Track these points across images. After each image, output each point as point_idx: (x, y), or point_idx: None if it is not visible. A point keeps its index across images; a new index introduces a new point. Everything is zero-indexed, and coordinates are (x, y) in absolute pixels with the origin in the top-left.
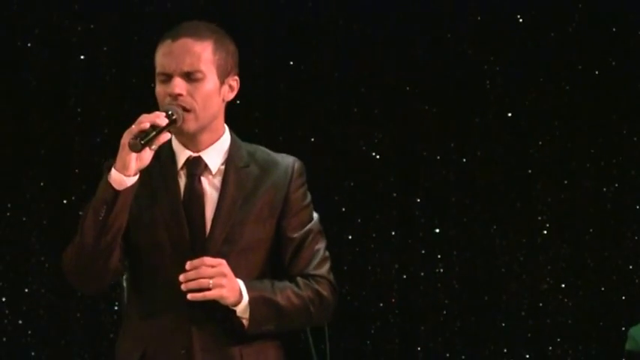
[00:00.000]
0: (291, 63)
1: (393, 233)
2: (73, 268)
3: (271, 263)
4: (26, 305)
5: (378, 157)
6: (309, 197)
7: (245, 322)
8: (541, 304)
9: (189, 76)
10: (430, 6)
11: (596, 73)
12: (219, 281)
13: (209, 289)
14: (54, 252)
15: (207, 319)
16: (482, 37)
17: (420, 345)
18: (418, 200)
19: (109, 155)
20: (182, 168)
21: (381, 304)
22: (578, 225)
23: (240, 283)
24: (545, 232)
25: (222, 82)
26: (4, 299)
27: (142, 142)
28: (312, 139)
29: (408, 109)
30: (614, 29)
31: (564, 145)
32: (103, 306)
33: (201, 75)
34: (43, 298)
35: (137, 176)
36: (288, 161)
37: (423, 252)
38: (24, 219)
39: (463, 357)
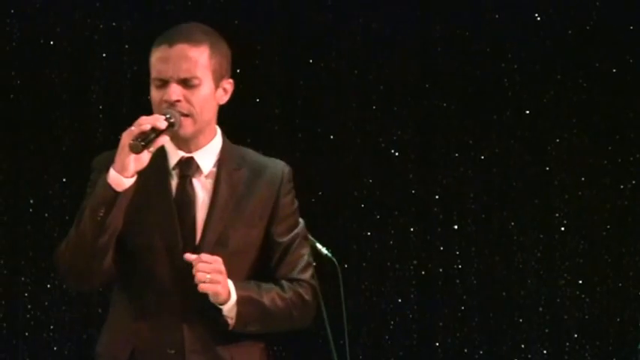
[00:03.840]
0: (311, 61)
1: (412, 229)
2: (68, 266)
3: (259, 266)
4: (48, 300)
5: (397, 154)
6: (296, 202)
7: (230, 320)
8: (558, 300)
9: (186, 82)
10: (449, 5)
11: (614, 71)
12: (216, 277)
13: (205, 283)
14: None
15: (199, 321)
16: (500, 35)
17: (439, 340)
18: (437, 197)
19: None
20: (174, 168)
21: (400, 300)
22: (596, 222)
23: (230, 282)
24: (563, 228)
25: (217, 86)
26: (26, 294)
27: (143, 143)
28: (332, 137)
29: (427, 106)
30: (631, 27)
31: (582, 143)
32: None
33: (198, 81)
34: (64, 293)
35: (135, 177)
36: (278, 166)
37: (442, 248)
38: (46, 215)
39: (481, 352)
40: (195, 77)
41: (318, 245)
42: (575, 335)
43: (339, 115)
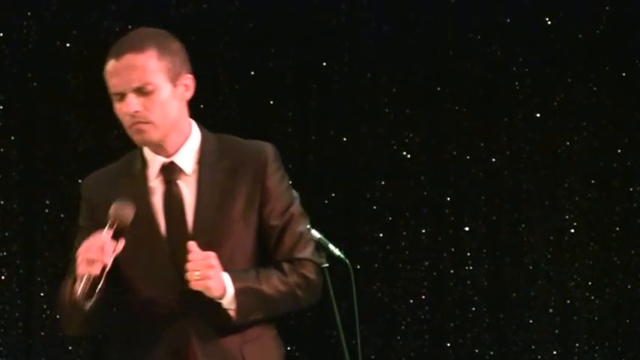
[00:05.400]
0: (324, 64)
1: (424, 231)
2: (66, 327)
3: (261, 252)
4: None
5: (409, 156)
6: (286, 180)
7: (232, 313)
8: (568, 301)
9: (141, 90)
10: (460, 9)
11: (624, 74)
12: (206, 273)
13: (195, 280)
14: None
15: (204, 324)
16: (511, 38)
17: (450, 341)
18: (448, 199)
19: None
20: (158, 175)
21: (412, 301)
22: (605, 223)
23: (225, 275)
24: (573, 230)
25: (175, 85)
26: (42, 294)
27: (88, 300)
28: (345, 139)
29: (439, 109)
30: None
31: (592, 145)
32: None
33: (152, 86)
34: None
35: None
36: (259, 148)
37: (453, 250)
38: (62, 215)
39: (491, 353)
40: (149, 83)
41: (331, 246)
42: (585, 336)
43: (351, 117)
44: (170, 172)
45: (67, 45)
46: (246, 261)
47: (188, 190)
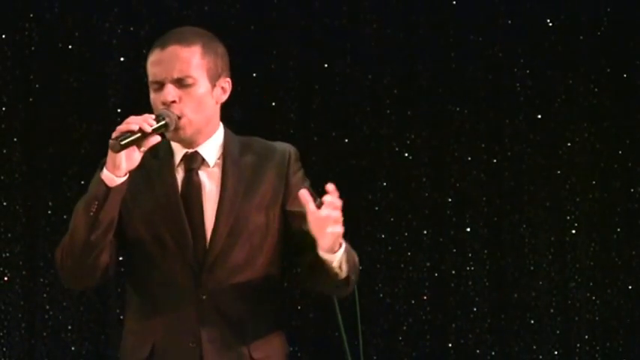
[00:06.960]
0: (326, 65)
1: (425, 232)
2: (64, 263)
3: (279, 249)
4: (66, 302)
5: (410, 157)
6: (308, 181)
7: (339, 271)
8: (569, 302)
9: (181, 82)
10: (462, 11)
11: (625, 76)
12: (339, 220)
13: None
14: None
15: (214, 312)
16: (513, 40)
17: (451, 341)
18: (449, 200)
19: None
20: (179, 164)
21: (413, 302)
22: (606, 224)
23: None
24: (574, 231)
25: (213, 85)
26: (45, 295)
27: (121, 143)
28: (346, 140)
29: (440, 110)
30: None
31: (593, 146)
32: None
33: (192, 80)
34: (82, 294)
35: (127, 176)
36: (283, 147)
37: (454, 250)
38: (64, 217)
39: (493, 353)
40: (189, 76)
41: None
42: (586, 336)
43: (353, 118)
44: (192, 161)
45: (70, 47)
46: (268, 251)
47: (211, 182)
